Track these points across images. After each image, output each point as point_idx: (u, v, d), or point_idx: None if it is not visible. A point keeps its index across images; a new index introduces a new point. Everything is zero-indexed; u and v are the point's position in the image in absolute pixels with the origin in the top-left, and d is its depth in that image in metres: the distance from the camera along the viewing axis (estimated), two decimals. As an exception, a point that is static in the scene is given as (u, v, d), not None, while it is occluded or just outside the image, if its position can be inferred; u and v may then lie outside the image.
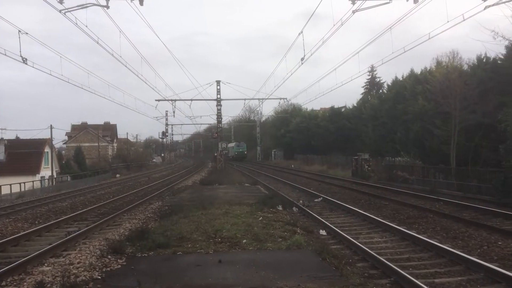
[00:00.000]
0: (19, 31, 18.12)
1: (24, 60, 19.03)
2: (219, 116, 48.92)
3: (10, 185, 30.52)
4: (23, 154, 46.09)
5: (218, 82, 47.03)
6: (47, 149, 49.52)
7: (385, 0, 16.76)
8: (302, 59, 26.15)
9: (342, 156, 45.27)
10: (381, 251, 10.08)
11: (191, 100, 45.50)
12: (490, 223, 12.87)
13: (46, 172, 48.02)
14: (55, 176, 46.97)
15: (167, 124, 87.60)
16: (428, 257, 9.47)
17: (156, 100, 45.74)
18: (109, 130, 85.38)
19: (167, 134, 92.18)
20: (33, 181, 38.10)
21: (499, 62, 28.27)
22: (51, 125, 49.54)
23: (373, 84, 58.54)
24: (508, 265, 8.56)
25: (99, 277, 7.75)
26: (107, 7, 16.50)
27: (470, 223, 12.85)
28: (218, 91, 47.12)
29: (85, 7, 16.74)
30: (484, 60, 29.86)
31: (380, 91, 52.98)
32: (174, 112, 49.22)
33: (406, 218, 14.45)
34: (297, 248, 9.51)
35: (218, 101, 47.60)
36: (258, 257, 8.72)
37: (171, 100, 45.69)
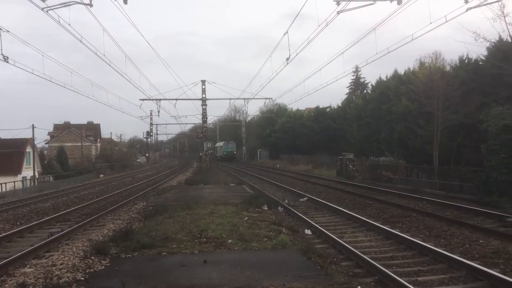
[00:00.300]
0: (0, 29, 17.80)
1: (5, 59, 18.73)
2: (204, 115, 48.79)
3: (-9, 185, 29.95)
4: (4, 154, 45.23)
5: (203, 82, 46.91)
6: (28, 149, 48.73)
7: (369, 1, 16.93)
8: (287, 59, 26.23)
9: (327, 156, 45.51)
10: (366, 250, 10.17)
11: (176, 99, 45.27)
12: (472, 222, 13.08)
13: (28, 172, 47.24)
14: (37, 177, 46.20)
15: (151, 124, 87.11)
16: (412, 256, 9.59)
17: (140, 99, 45.42)
18: (92, 129, 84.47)
19: (151, 133, 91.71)
20: (14, 182, 37.47)
21: (480, 63, 28.75)
22: (33, 125, 48.69)
23: (357, 84, 58.98)
24: (489, 263, 8.72)
25: (82, 278, 7.66)
26: (91, 5, 16.33)
27: (453, 222, 13.04)
28: (204, 91, 46.99)
29: (68, 5, 16.54)
30: (466, 61, 30.34)
31: (365, 91, 53.39)
32: (159, 111, 48.73)
33: (390, 217, 14.60)
34: (282, 248, 9.53)
35: (204, 100, 47.46)
36: (243, 257, 8.71)
37: (156, 99, 45.42)
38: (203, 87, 46.85)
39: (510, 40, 24.08)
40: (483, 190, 17.52)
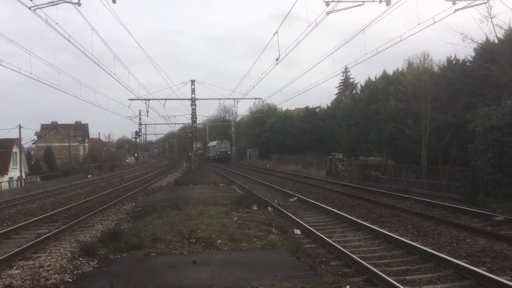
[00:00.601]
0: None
1: (-9, 57, 18.44)
2: (193, 115, 48.63)
3: (-23, 186, 29.52)
4: (-10, 154, 44.62)
5: (192, 82, 46.76)
6: (15, 149, 48.09)
7: (358, 2, 17.04)
8: (277, 59, 26.29)
9: (316, 156, 45.70)
10: (355, 249, 10.23)
11: (165, 99, 45.10)
12: (459, 221, 13.23)
13: (14, 173, 46.64)
14: (24, 177, 45.64)
15: (140, 124, 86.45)
16: (400, 255, 9.66)
17: (129, 99, 45.22)
18: (80, 129, 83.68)
19: (140, 134, 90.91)
20: (0, 182, 36.99)
21: (468, 64, 29.09)
22: (19, 125, 48.12)
23: (347, 84, 59.30)
24: (476, 262, 8.82)
25: (70, 280, 7.58)
26: (79, 4, 16.20)
27: (440, 221, 13.17)
28: (193, 91, 46.84)
29: (56, 4, 16.37)
30: (454, 62, 30.68)
31: (354, 91, 53.71)
32: (147, 111, 48.64)
33: (378, 217, 14.70)
34: (272, 248, 9.54)
35: (193, 100, 47.31)
36: (233, 257, 8.70)
37: (145, 99, 45.22)
38: (193, 87, 46.71)
39: (497, 42, 24.42)
40: (470, 190, 17.70)
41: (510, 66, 22.30)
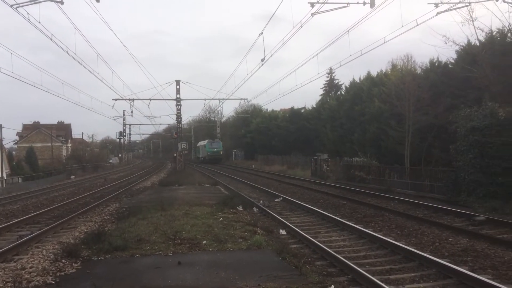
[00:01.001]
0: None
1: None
2: (178, 116, 48.34)
3: (-44, 187, 28.88)
4: (-30, 155, 43.67)
5: (177, 82, 46.49)
6: (-4, 150, 47.17)
7: (342, 4, 17.17)
8: (262, 60, 26.30)
9: (302, 156, 45.86)
10: (339, 249, 10.31)
11: (150, 99, 44.65)
12: (441, 221, 13.43)
13: (-5, 173, 45.72)
14: (5, 178, 44.78)
15: (124, 124, 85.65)
16: (384, 254, 9.77)
17: (113, 99, 44.55)
18: (63, 129, 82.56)
19: (124, 134, 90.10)
20: (-19, 183, 36.23)
21: (450, 66, 29.53)
22: (0, 124, 47.15)
23: (331, 85, 59.70)
24: (458, 261, 8.97)
25: (53, 282, 7.49)
26: (62, 2, 15.98)
27: (423, 221, 13.35)
28: (178, 91, 46.56)
29: (38, 2, 16.13)
30: (436, 64, 31.11)
31: (339, 92, 54.08)
32: (132, 111, 47.88)
33: (363, 217, 14.83)
34: (257, 248, 9.55)
35: (178, 101, 47.03)
36: (218, 258, 8.69)
37: (129, 99, 44.67)
38: (178, 87, 46.44)
39: (478, 44, 24.85)
40: (452, 190, 17.98)
41: (491, 69, 22.72)
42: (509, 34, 23.66)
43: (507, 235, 11.30)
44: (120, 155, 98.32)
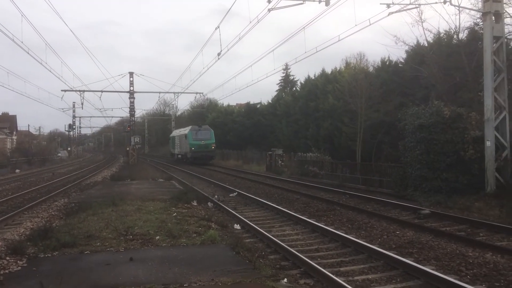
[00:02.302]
0: None
1: None
2: (132, 109, 47.30)
3: None
4: None
5: (131, 74, 45.46)
6: None
7: (299, 1, 17.37)
8: (218, 54, 26.18)
9: (257, 152, 46.12)
10: (292, 243, 10.47)
11: (102, 91, 43.45)
12: (389, 214, 13.95)
13: None
14: None
15: (74, 116, 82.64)
16: (335, 247, 10.04)
17: (62, 90, 42.96)
18: (7, 121, 78.44)
19: (74, 126, 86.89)
20: None
21: (400, 65, 30.68)
22: None
23: (287, 82, 60.36)
24: (404, 253, 9.36)
25: (-4, 281, 7.11)
26: (7, -13, 15.11)
27: (373, 215, 13.82)
28: (131, 83, 45.53)
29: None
30: (387, 63, 32.23)
31: (294, 88, 54.81)
32: (82, 103, 46.64)
33: (316, 211, 15.13)
34: (211, 243, 9.52)
35: (131, 93, 45.99)
36: (171, 254, 8.59)
37: (80, 91, 43.28)
38: (131, 79, 45.40)
39: (426, 45, 25.94)
40: (400, 185, 18.69)
41: (437, 69, 23.79)
42: (455, 36, 24.86)
43: (449, 227, 11.90)
44: (69, 149, 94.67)
